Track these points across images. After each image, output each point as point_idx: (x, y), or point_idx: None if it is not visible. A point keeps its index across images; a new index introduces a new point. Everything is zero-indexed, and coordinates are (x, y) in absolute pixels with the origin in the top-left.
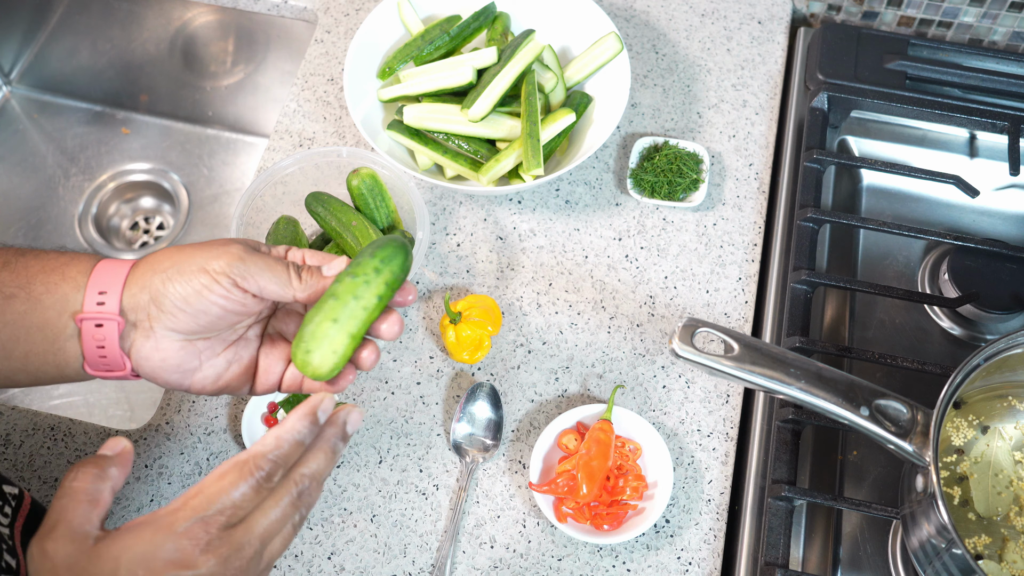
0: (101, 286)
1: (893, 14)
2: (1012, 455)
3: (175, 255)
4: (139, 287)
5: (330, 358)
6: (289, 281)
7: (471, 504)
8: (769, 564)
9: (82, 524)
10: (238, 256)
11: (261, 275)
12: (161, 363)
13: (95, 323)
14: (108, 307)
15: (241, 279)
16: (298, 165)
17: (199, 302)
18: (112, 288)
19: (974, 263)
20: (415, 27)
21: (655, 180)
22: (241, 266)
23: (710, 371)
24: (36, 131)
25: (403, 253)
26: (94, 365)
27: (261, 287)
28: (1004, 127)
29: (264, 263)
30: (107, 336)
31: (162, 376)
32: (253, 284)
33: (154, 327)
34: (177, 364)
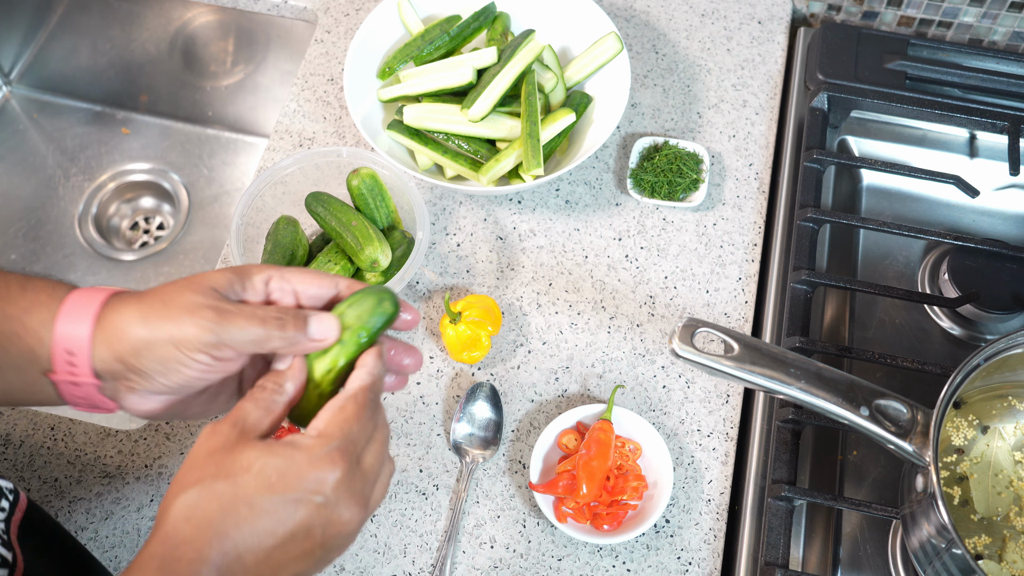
0: (66, 344)
1: (893, 14)
2: (1012, 455)
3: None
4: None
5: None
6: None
7: (471, 504)
8: (769, 564)
9: (254, 424)
10: (210, 323)
11: (237, 341)
12: (150, 413)
13: (70, 382)
14: (80, 371)
15: (216, 351)
16: (298, 165)
17: (177, 377)
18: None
19: (974, 263)
20: (415, 27)
21: (655, 180)
22: (214, 337)
23: (710, 371)
24: (36, 131)
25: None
26: (77, 407)
27: (239, 350)
28: (1004, 127)
29: (239, 320)
30: (87, 394)
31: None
32: (230, 352)
33: (136, 389)
34: (166, 411)
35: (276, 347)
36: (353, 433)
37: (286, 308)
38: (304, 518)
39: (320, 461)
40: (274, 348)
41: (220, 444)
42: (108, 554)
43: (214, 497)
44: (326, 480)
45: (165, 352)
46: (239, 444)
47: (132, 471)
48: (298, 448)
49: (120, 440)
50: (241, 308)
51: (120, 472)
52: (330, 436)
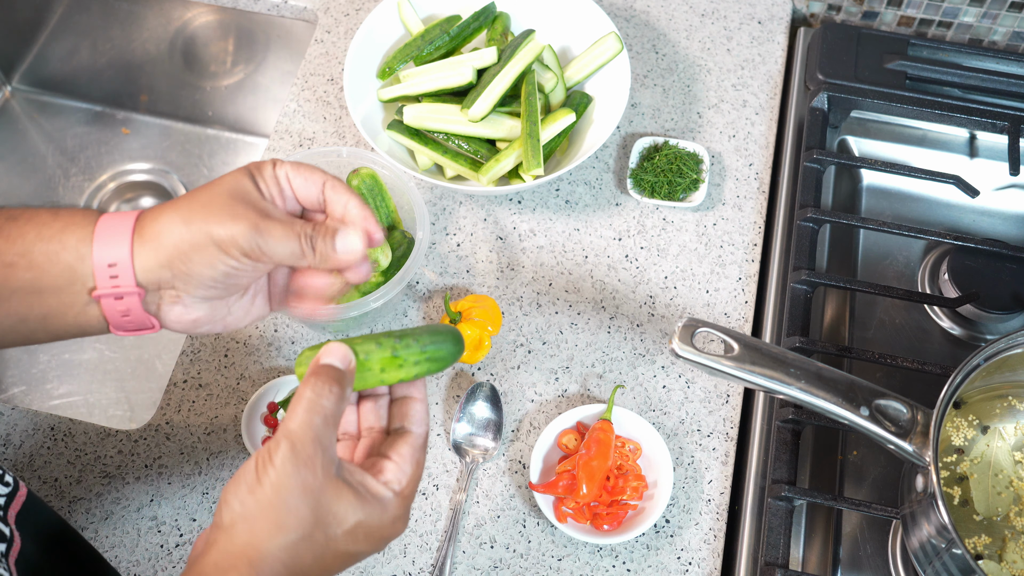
0: (108, 256)
1: (893, 14)
2: (1012, 455)
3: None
4: (155, 262)
5: None
6: (303, 254)
7: (471, 504)
8: (769, 564)
9: (328, 447)
10: (251, 231)
11: (275, 249)
12: (193, 323)
13: (114, 296)
14: (123, 281)
15: (257, 253)
16: None
17: (223, 279)
18: (120, 258)
19: (974, 263)
20: (415, 27)
21: (655, 180)
22: (255, 239)
23: (710, 371)
24: (36, 131)
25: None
26: (120, 327)
27: (273, 256)
28: (1004, 127)
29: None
30: (130, 307)
31: (192, 329)
32: (267, 258)
33: (181, 296)
34: (209, 319)
35: (310, 262)
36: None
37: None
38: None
39: (399, 522)
40: (308, 263)
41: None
42: (108, 554)
43: (311, 548)
44: (395, 534)
45: (210, 253)
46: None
47: (132, 471)
48: (385, 508)
49: (120, 440)
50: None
51: (120, 472)
52: (409, 496)
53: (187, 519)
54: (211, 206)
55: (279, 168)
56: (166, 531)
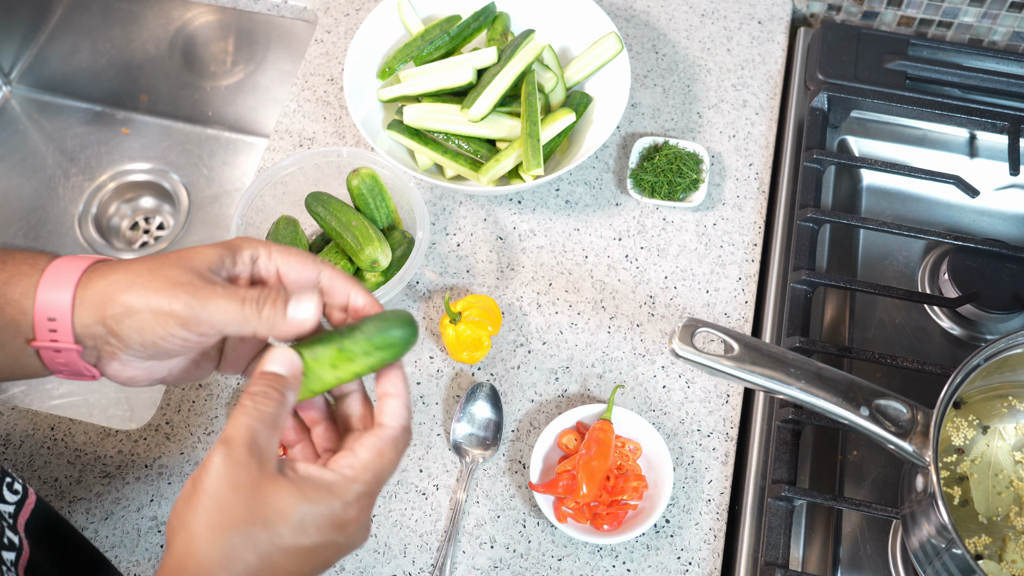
0: (49, 312)
1: (893, 14)
2: (1012, 455)
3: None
4: (93, 318)
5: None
6: (245, 320)
7: (471, 504)
8: (769, 564)
9: (266, 447)
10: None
11: (214, 316)
12: (130, 379)
13: (53, 349)
14: (61, 336)
15: (195, 324)
16: (298, 165)
17: (156, 346)
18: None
19: (974, 263)
20: (415, 27)
21: (655, 180)
22: (192, 310)
23: (710, 371)
24: (36, 131)
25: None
26: (62, 374)
27: (216, 327)
28: (1004, 127)
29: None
30: (68, 360)
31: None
32: (207, 327)
33: (117, 354)
34: (147, 378)
35: (255, 330)
36: (384, 476)
37: (268, 289)
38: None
39: (351, 508)
40: (254, 331)
41: (244, 478)
42: (108, 554)
43: (252, 546)
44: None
45: (145, 321)
46: (265, 481)
47: (132, 471)
48: (333, 493)
49: (120, 440)
50: (223, 288)
51: (120, 472)
52: (364, 482)
53: None
54: (158, 273)
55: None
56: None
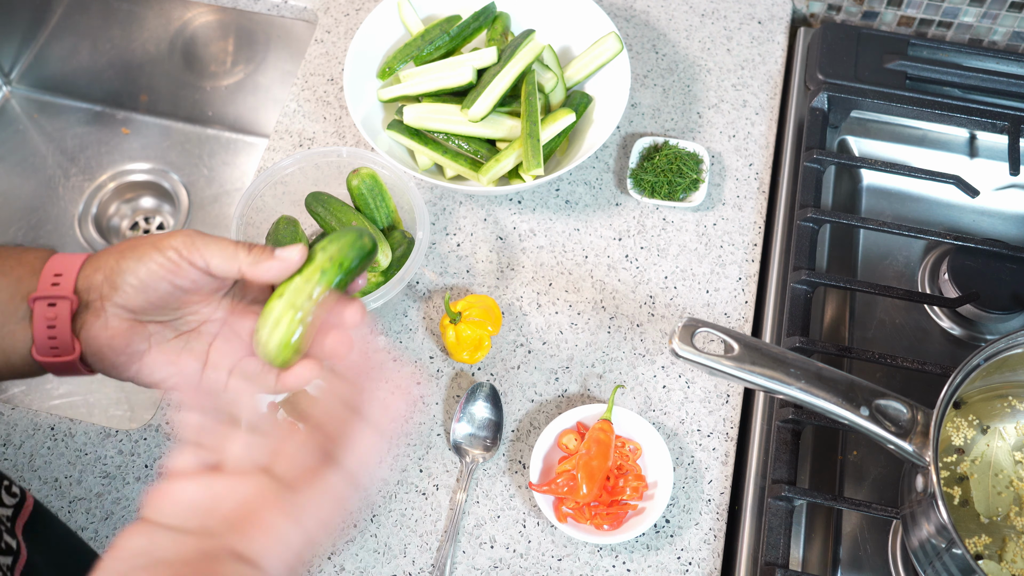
0: (57, 269)
1: (893, 14)
2: (1012, 455)
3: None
4: (93, 268)
5: (275, 333)
6: (235, 254)
7: (471, 504)
8: (769, 564)
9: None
10: (189, 234)
11: (208, 249)
12: (109, 341)
13: (48, 303)
14: (62, 287)
15: (189, 253)
16: (298, 165)
17: (150, 277)
18: (67, 271)
19: (974, 263)
20: (415, 27)
21: (655, 180)
22: (189, 241)
23: (710, 371)
24: (36, 131)
25: (353, 233)
26: (42, 349)
27: (208, 261)
28: (1004, 127)
29: (214, 240)
30: (59, 316)
31: (109, 356)
32: (200, 259)
33: (105, 305)
34: (125, 344)
35: (243, 264)
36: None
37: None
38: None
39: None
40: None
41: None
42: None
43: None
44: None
45: (144, 252)
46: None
47: (132, 471)
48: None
49: (120, 440)
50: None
51: (120, 472)
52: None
53: None
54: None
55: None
56: None
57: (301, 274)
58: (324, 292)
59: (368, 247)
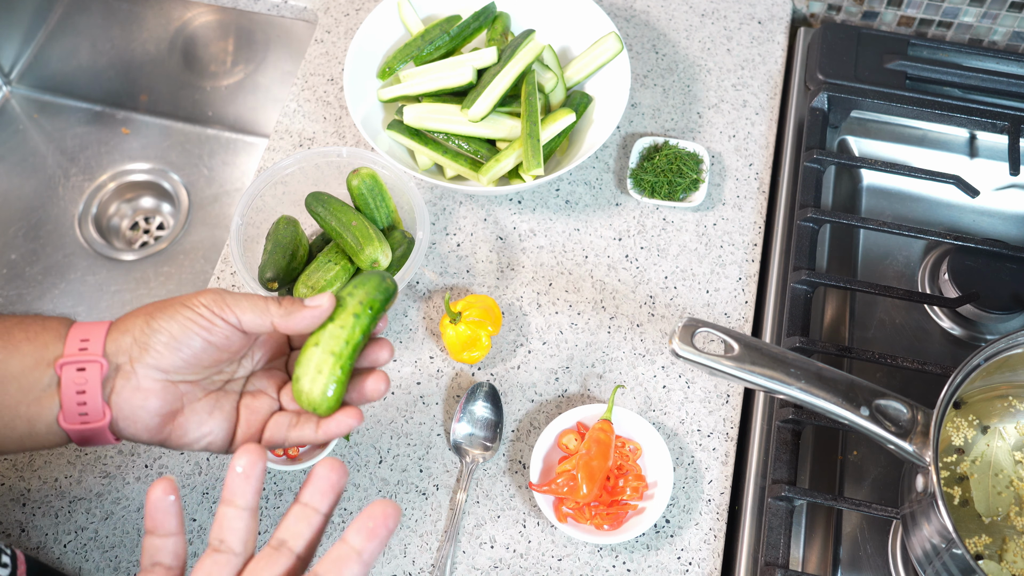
0: (83, 335)
1: (893, 14)
2: (1012, 455)
3: (158, 302)
4: (121, 331)
5: (318, 380)
6: (266, 308)
7: (471, 504)
8: (769, 564)
9: None
10: (217, 293)
11: (239, 305)
12: (142, 403)
13: (77, 367)
14: (91, 351)
15: (220, 310)
16: (298, 165)
17: (182, 335)
18: (94, 336)
19: (974, 263)
20: (415, 27)
21: (655, 180)
22: (219, 299)
23: (710, 371)
24: (36, 131)
25: (377, 277)
26: (70, 416)
27: (240, 317)
28: (1004, 127)
29: (243, 296)
30: (88, 380)
31: (143, 419)
32: (232, 315)
33: (135, 367)
34: (158, 406)
35: (275, 317)
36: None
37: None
38: None
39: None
40: (273, 320)
41: None
42: (108, 554)
43: None
44: None
45: (175, 312)
46: None
47: (132, 471)
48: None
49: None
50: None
51: (120, 472)
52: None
53: (187, 519)
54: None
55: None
56: None
57: (334, 321)
58: (361, 337)
59: (392, 288)
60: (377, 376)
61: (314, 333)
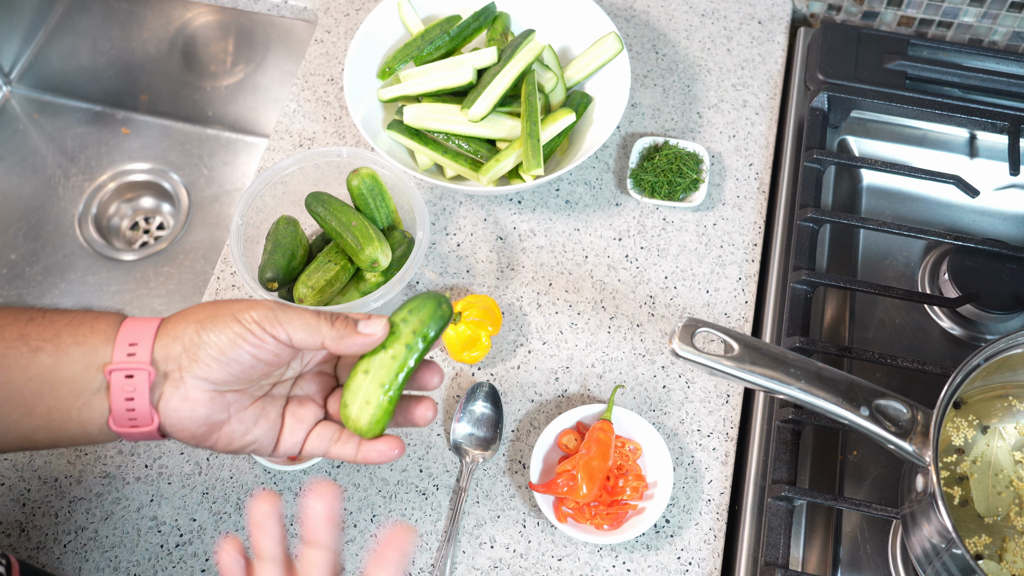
0: (132, 338)
1: (893, 14)
2: (1012, 455)
3: (208, 308)
4: (171, 338)
5: (365, 410)
6: (319, 328)
7: (471, 504)
8: (769, 564)
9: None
10: (270, 307)
11: (291, 323)
12: (190, 413)
13: (125, 374)
14: (139, 358)
15: (272, 327)
16: (298, 165)
17: (232, 350)
18: (143, 340)
19: (974, 263)
20: (415, 27)
21: (655, 180)
22: (272, 315)
23: (710, 371)
24: (36, 131)
25: (433, 302)
26: (120, 420)
27: (291, 335)
28: (1004, 127)
29: (296, 312)
30: (137, 387)
31: (190, 428)
32: (283, 332)
33: (184, 377)
34: (206, 415)
35: (326, 339)
36: None
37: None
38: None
39: None
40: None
41: None
42: (108, 554)
43: None
44: None
45: (227, 325)
46: None
47: (132, 471)
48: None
49: (120, 440)
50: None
51: (120, 472)
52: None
53: (187, 519)
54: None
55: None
56: (166, 531)
57: (386, 349)
58: (412, 366)
59: (447, 315)
60: (426, 405)
61: (364, 358)
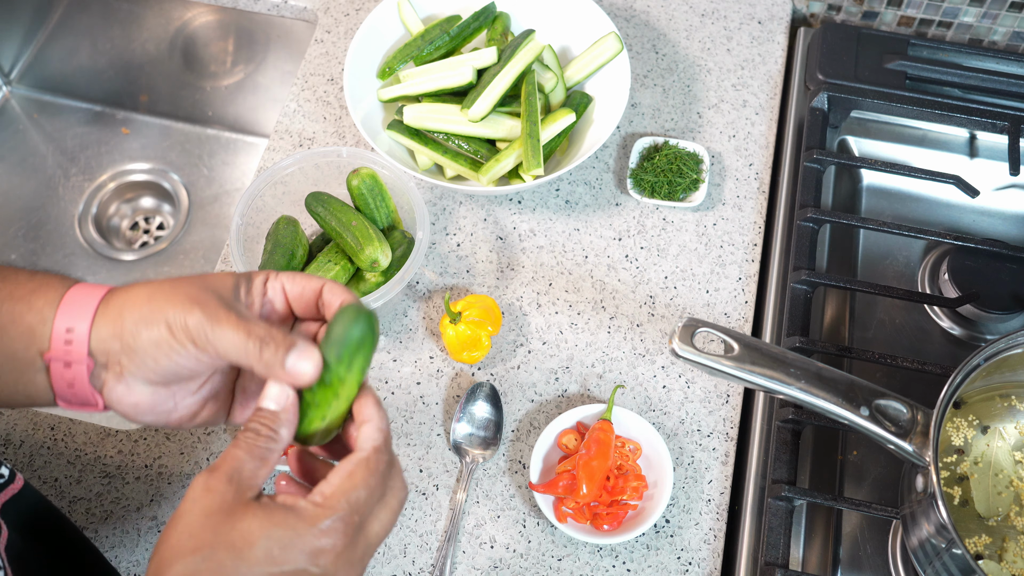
0: (68, 322)
1: (893, 14)
2: (1012, 455)
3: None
4: (110, 332)
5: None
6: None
7: (471, 504)
8: (769, 564)
9: (250, 478)
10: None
11: (221, 341)
12: (134, 407)
13: (63, 363)
14: (76, 347)
15: (202, 342)
16: (298, 165)
17: (164, 360)
18: (79, 324)
19: (974, 263)
20: (415, 27)
21: (655, 180)
22: (206, 328)
23: (710, 371)
24: (36, 131)
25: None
26: (65, 399)
27: (221, 353)
28: (1004, 127)
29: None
30: (76, 376)
31: (136, 415)
32: (213, 350)
33: (124, 375)
34: (151, 407)
35: (252, 366)
36: (360, 501)
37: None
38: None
39: (322, 534)
40: (251, 367)
41: (217, 505)
42: (108, 554)
43: (216, 569)
44: (326, 552)
45: (159, 333)
46: (238, 508)
47: (132, 471)
48: (301, 517)
49: (120, 440)
50: (235, 316)
51: (120, 472)
52: (334, 507)
53: None
54: (178, 290)
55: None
56: None
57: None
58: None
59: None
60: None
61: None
